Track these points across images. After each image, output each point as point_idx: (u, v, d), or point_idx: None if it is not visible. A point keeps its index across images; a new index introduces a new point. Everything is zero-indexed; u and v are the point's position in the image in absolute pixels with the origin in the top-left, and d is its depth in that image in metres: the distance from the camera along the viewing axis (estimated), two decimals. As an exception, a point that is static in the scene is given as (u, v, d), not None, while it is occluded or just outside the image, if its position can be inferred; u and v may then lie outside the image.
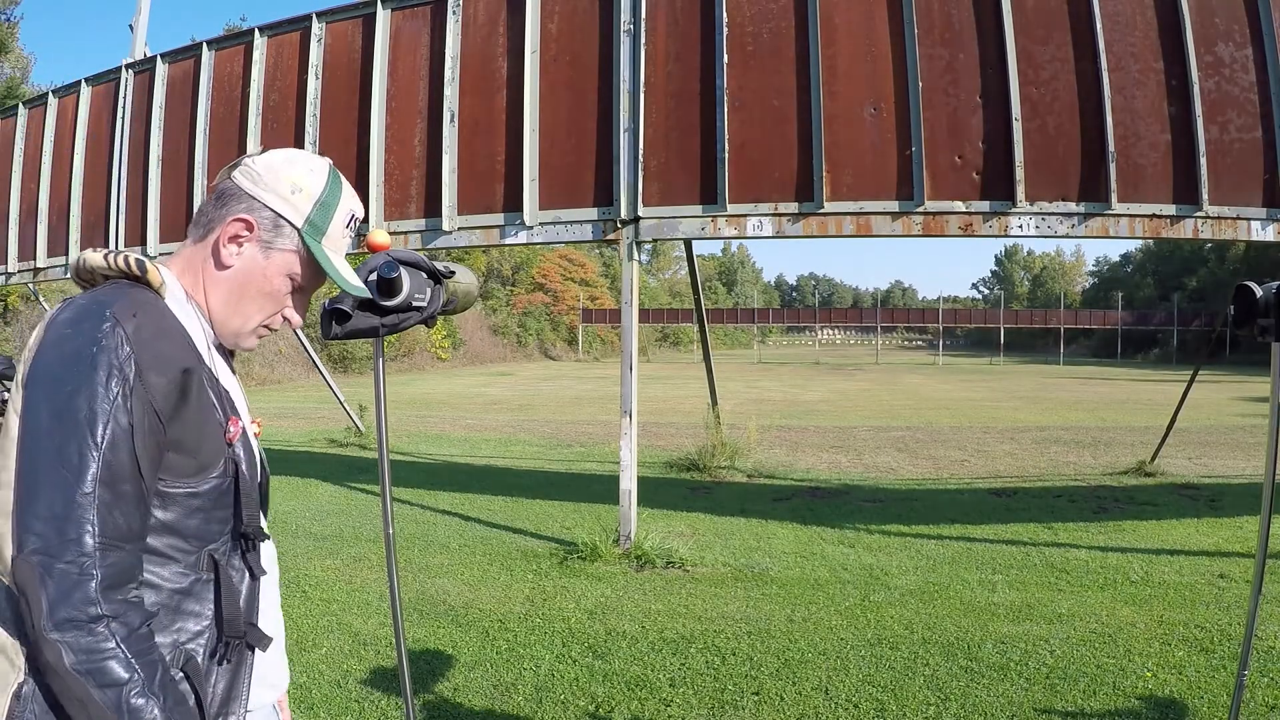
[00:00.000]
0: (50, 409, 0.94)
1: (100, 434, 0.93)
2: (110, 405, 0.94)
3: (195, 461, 1.04)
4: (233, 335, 1.17)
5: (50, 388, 0.95)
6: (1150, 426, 10.94)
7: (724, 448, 8.41)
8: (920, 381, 26.37)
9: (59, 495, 0.91)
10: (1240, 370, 27.78)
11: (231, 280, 1.13)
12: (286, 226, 1.13)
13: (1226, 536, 5.55)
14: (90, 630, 0.89)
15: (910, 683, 3.23)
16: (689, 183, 5.35)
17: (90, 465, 0.92)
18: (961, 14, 5.05)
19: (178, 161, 7.04)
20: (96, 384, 0.94)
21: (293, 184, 1.13)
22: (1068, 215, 4.94)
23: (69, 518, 0.91)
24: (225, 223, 1.11)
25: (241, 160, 1.15)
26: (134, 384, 0.96)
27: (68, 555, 0.90)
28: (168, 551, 1.03)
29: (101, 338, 0.96)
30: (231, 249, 1.12)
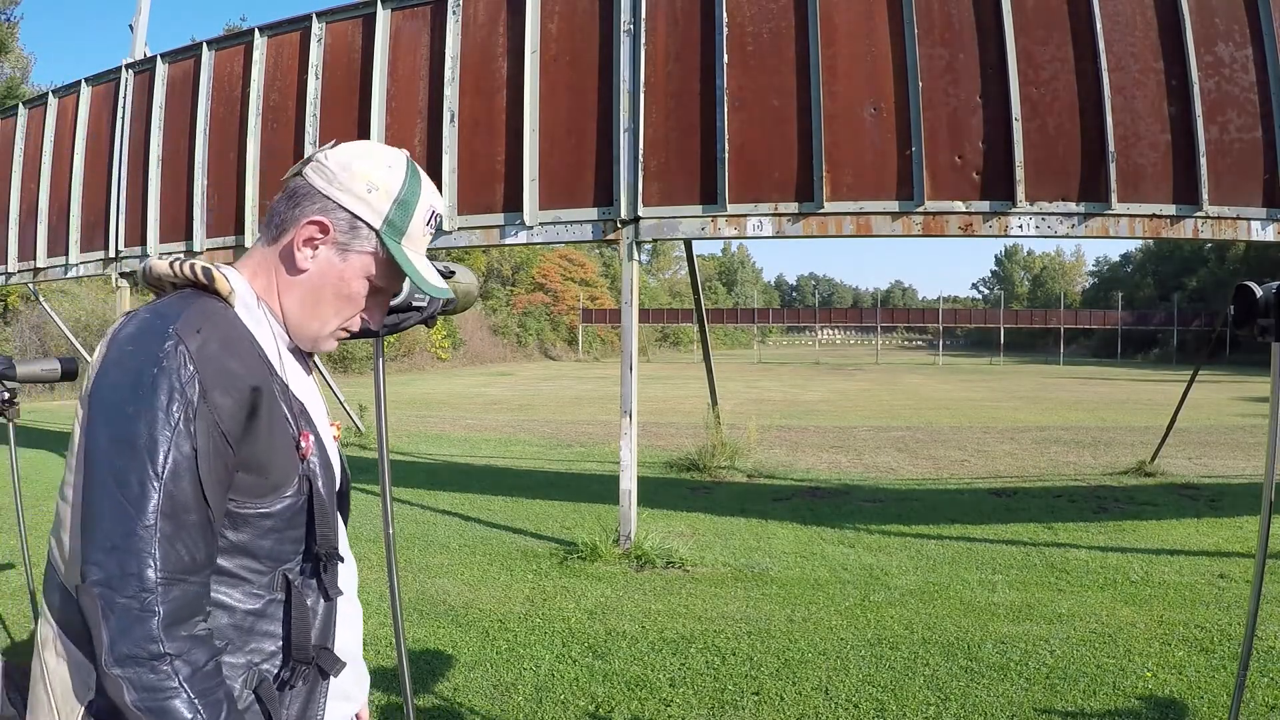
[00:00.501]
0: (109, 434, 0.91)
1: (161, 463, 0.89)
2: (172, 431, 0.90)
3: (267, 481, 1.00)
4: (310, 339, 1.12)
5: (110, 411, 0.92)
6: (1150, 426, 10.94)
7: (724, 448, 8.41)
8: (920, 381, 26.37)
9: (119, 527, 0.88)
10: (1240, 370, 27.78)
11: (306, 284, 1.08)
12: (364, 228, 1.08)
13: (1226, 536, 5.55)
14: (152, 668, 0.86)
15: (910, 683, 3.23)
16: (689, 183, 5.35)
17: (151, 496, 0.89)
18: (961, 14, 5.05)
19: (178, 161, 7.04)
20: (157, 408, 0.90)
21: (369, 182, 1.07)
22: (1068, 215, 4.94)
23: (129, 550, 0.87)
24: (299, 225, 1.06)
25: (314, 155, 1.10)
26: (198, 405, 0.92)
27: (128, 590, 0.87)
28: (240, 572, 1.00)
29: (163, 357, 0.92)
30: (306, 252, 1.07)
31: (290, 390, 1.05)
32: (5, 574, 4.57)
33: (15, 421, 2.62)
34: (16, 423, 2.63)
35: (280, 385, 1.04)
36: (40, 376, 2.60)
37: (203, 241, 6.87)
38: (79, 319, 18.33)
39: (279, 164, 6.52)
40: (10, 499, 3.17)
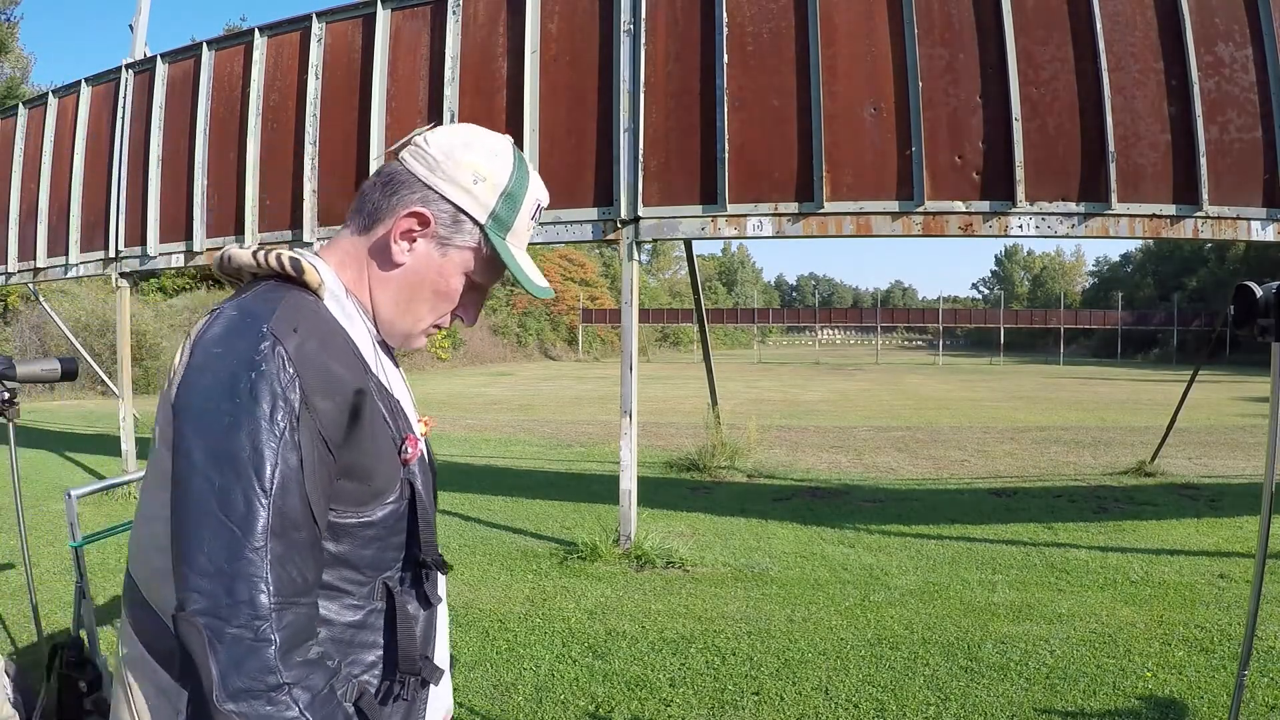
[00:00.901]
0: (206, 448, 0.82)
1: (269, 478, 0.81)
2: (278, 443, 0.82)
3: (369, 489, 0.93)
4: (401, 336, 1.05)
5: (204, 421, 0.83)
6: (1150, 426, 10.94)
7: (724, 448, 8.41)
8: (920, 381, 26.37)
9: (223, 550, 0.80)
10: (1240, 370, 27.78)
11: (402, 279, 1.00)
12: (467, 222, 1.00)
13: (1226, 536, 5.55)
14: (270, 699, 0.79)
15: (910, 683, 3.23)
16: (689, 183, 5.35)
17: (260, 515, 0.81)
18: (961, 14, 5.05)
19: (178, 161, 7.04)
20: (260, 418, 0.82)
21: (475, 171, 0.99)
22: (1068, 215, 4.94)
23: (238, 575, 0.79)
24: (397, 216, 0.98)
25: (413, 138, 1.01)
26: (299, 412, 0.84)
27: (239, 619, 0.79)
28: (339, 585, 0.93)
29: (260, 360, 0.83)
30: (403, 245, 0.99)
31: (387, 389, 0.99)
32: (5, 574, 4.57)
33: (15, 421, 2.62)
34: (16, 423, 2.63)
35: (377, 384, 0.96)
36: (40, 376, 2.60)
37: (203, 241, 6.87)
38: (79, 319, 18.32)
39: (279, 164, 6.53)
40: (10, 499, 3.17)
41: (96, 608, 3.37)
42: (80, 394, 17.56)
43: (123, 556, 4.17)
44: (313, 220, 6.31)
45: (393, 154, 1.02)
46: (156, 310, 23.57)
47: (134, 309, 17.11)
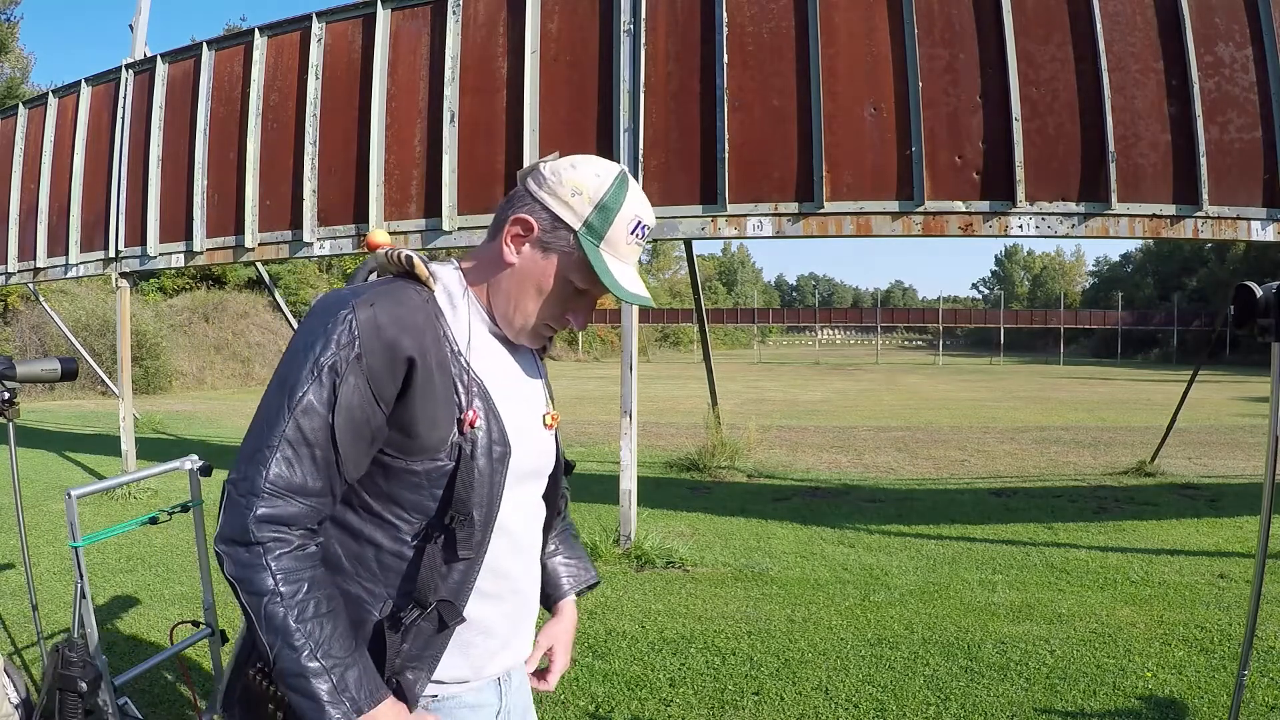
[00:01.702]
0: (277, 374, 1.08)
1: (297, 398, 1.05)
2: (313, 376, 1.05)
3: (414, 443, 1.11)
4: (516, 331, 1.21)
5: (284, 359, 1.09)
6: (1150, 426, 10.94)
7: (724, 448, 8.41)
8: (920, 381, 26.37)
9: (254, 441, 1.06)
10: (1240, 370, 27.78)
11: (511, 277, 1.19)
12: (564, 228, 1.17)
13: (1226, 536, 5.55)
14: (247, 548, 1.03)
15: (910, 683, 3.23)
16: (689, 183, 5.35)
17: (282, 423, 1.05)
18: (961, 14, 5.05)
19: (178, 161, 7.04)
20: (310, 356, 1.06)
21: (575, 187, 1.17)
22: (1068, 215, 4.94)
23: (253, 460, 1.05)
24: (509, 222, 1.18)
25: (536, 164, 1.22)
26: (350, 364, 1.06)
27: (240, 489, 1.04)
28: (388, 517, 1.13)
29: (331, 324, 1.07)
30: (511, 247, 1.18)
31: (471, 371, 1.15)
32: (5, 574, 4.57)
33: (15, 421, 2.62)
34: (16, 423, 2.63)
35: (459, 364, 1.14)
36: (40, 376, 2.60)
37: (203, 241, 6.87)
38: (79, 319, 18.32)
39: (279, 164, 6.52)
40: (10, 499, 3.17)
41: (96, 608, 3.37)
42: (80, 394, 17.56)
43: (123, 556, 4.19)
44: (313, 220, 6.31)
45: (522, 180, 1.23)
46: (156, 310, 23.57)
47: (134, 309, 17.11)
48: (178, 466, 2.58)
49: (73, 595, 2.27)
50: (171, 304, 25.36)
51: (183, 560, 4.82)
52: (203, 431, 11.98)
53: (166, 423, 12.73)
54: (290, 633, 1.02)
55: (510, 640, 1.25)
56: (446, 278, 1.20)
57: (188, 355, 23.09)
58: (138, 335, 18.27)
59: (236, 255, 6.82)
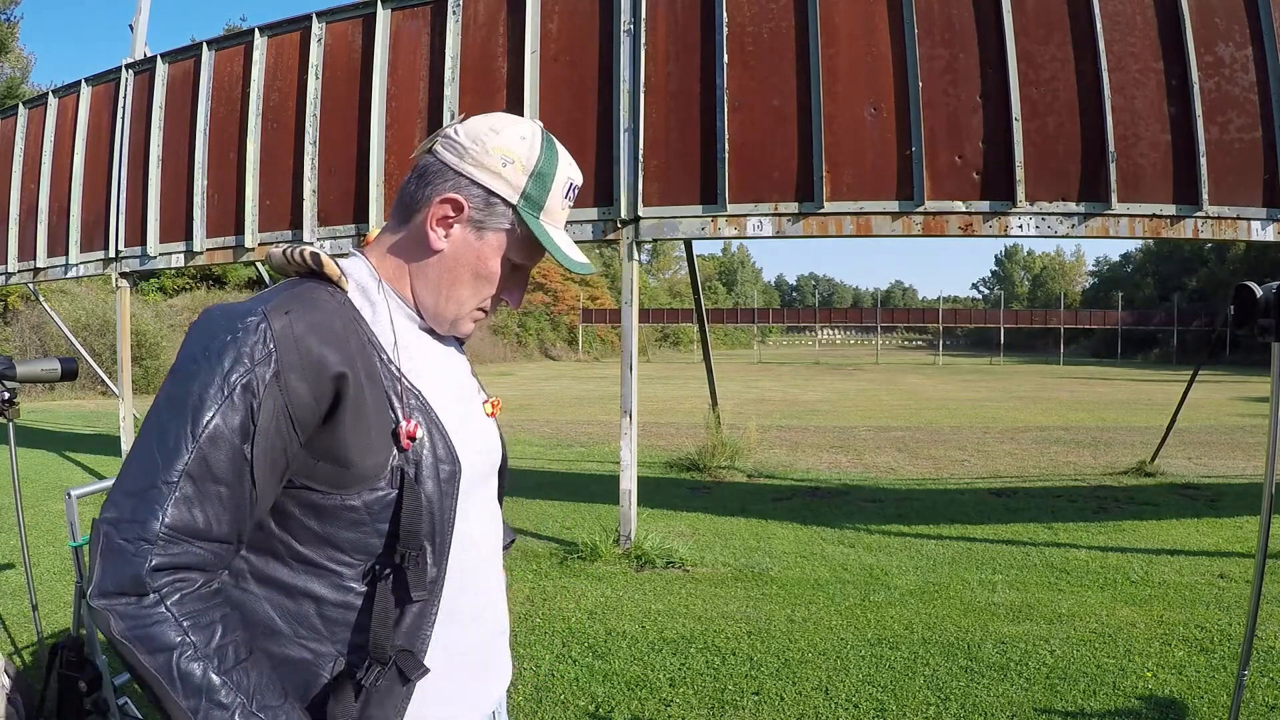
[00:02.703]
0: (166, 390, 0.90)
1: (203, 425, 0.86)
2: (222, 399, 0.87)
3: (349, 473, 0.95)
4: (447, 322, 1.08)
5: (175, 370, 0.91)
6: (1150, 426, 10.95)
7: (724, 448, 8.41)
8: (920, 381, 26.37)
9: (144, 476, 0.87)
10: (1240, 370, 27.79)
11: (441, 265, 1.04)
12: (500, 204, 1.03)
13: (1226, 536, 5.56)
14: (138, 600, 0.85)
15: (910, 683, 3.23)
16: (689, 183, 5.35)
17: (183, 456, 0.86)
18: (961, 14, 5.05)
19: (178, 161, 7.04)
20: (215, 372, 0.87)
21: (504, 155, 1.02)
22: (1068, 215, 4.94)
23: (144, 499, 0.86)
24: (431, 204, 1.02)
25: (443, 130, 1.05)
26: (268, 384, 0.88)
27: (130, 533, 0.85)
28: (326, 564, 0.96)
29: (241, 330, 0.89)
30: (439, 232, 1.03)
31: (404, 378, 1.00)
32: (5, 574, 4.57)
33: (15, 421, 2.62)
34: (16, 423, 2.63)
35: (389, 373, 0.98)
36: (40, 376, 2.60)
37: (203, 241, 6.87)
38: (79, 319, 18.32)
39: (279, 164, 6.52)
40: (10, 499, 3.17)
41: (96, 608, 3.37)
42: (80, 394, 17.56)
43: (123, 556, 4.09)
44: (313, 220, 6.31)
45: (425, 150, 1.05)
46: (156, 310, 23.57)
47: (134, 309, 17.11)
48: (178, 466, 2.57)
49: (73, 595, 2.27)
50: (171, 304, 25.36)
51: (183, 560, 4.82)
52: (203, 431, 11.96)
53: (166, 423, 12.71)
54: (214, 689, 0.84)
55: (490, 663, 1.14)
56: (357, 272, 1.04)
57: (188, 355, 23.05)
58: (138, 335, 18.27)
59: (236, 255, 6.82)
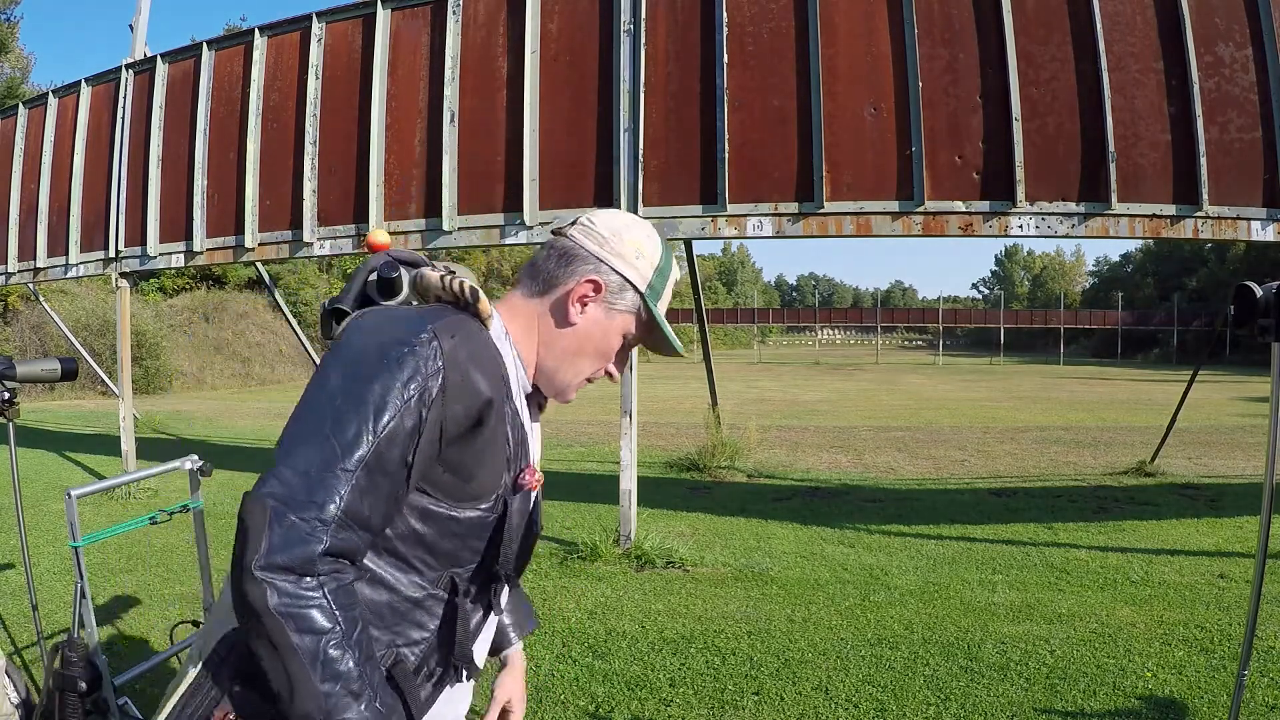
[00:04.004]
0: (342, 382, 0.97)
1: (383, 424, 0.95)
2: (402, 404, 0.96)
3: (467, 488, 1.05)
4: (559, 387, 1.20)
5: (350, 364, 0.98)
6: (1150, 426, 10.94)
7: (724, 448, 8.40)
8: (920, 381, 26.37)
9: (320, 460, 0.93)
10: (1240, 370, 27.78)
11: (572, 337, 1.17)
12: (630, 290, 1.17)
13: (1226, 536, 5.55)
14: (300, 581, 0.90)
15: (910, 683, 3.23)
16: (689, 183, 5.35)
17: (362, 447, 0.94)
18: (961, 14, 5.05)
19: (178, 161, 7.04)
20: (396, 379, 0.96)
21: (637, 249, 1.18)
22: (1068, 215, 4.94)
23: (323, 483, 0.92)
24: (575, 282, 1.15)
25: (579, 220, 1.20)
26: (434, 397, 0.98)
27: (305, 513, 0.91)
28: (414, 562, 1.04)
29: (417, 344, 0.99)
30: (577, 308, 1.15)
31: (522, 424, 1.12)
32: (5, 574, 4.57)
33: (15, 421, 2.62)
34: (16, 423, 2.63)
35: (512, 410, 1.10)
36: (40, 376, 2.60)
37: (203, 241, 6.87)
38: (79, 319, 18.32)
39: (279, 164, 6.52)
40: (10, 499, 3.17)
41: (96, 608, 3.37)
42: (80, 394, 17.56)
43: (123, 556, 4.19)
44: (313, 220, 6.31)
45: (560, 233, 1.20)
46: (156, 310, 23.58)
47: (134, 309, 17.11)
48: (178, 466, 2.58)
49: (73, 595, 2.27)
50: (171, 304, 25.37)
51: (183, 560, 4.82)
52: (203, 431, 11.99)
53: (166, 423, 12.73)
54: (350, 678, 0.90)
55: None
56: (495, 318, 1.14)
57: (188, 355, 23.10)
58: (138, 335, 18.27)
59: (236, 255, 6.82)
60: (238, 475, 7.86)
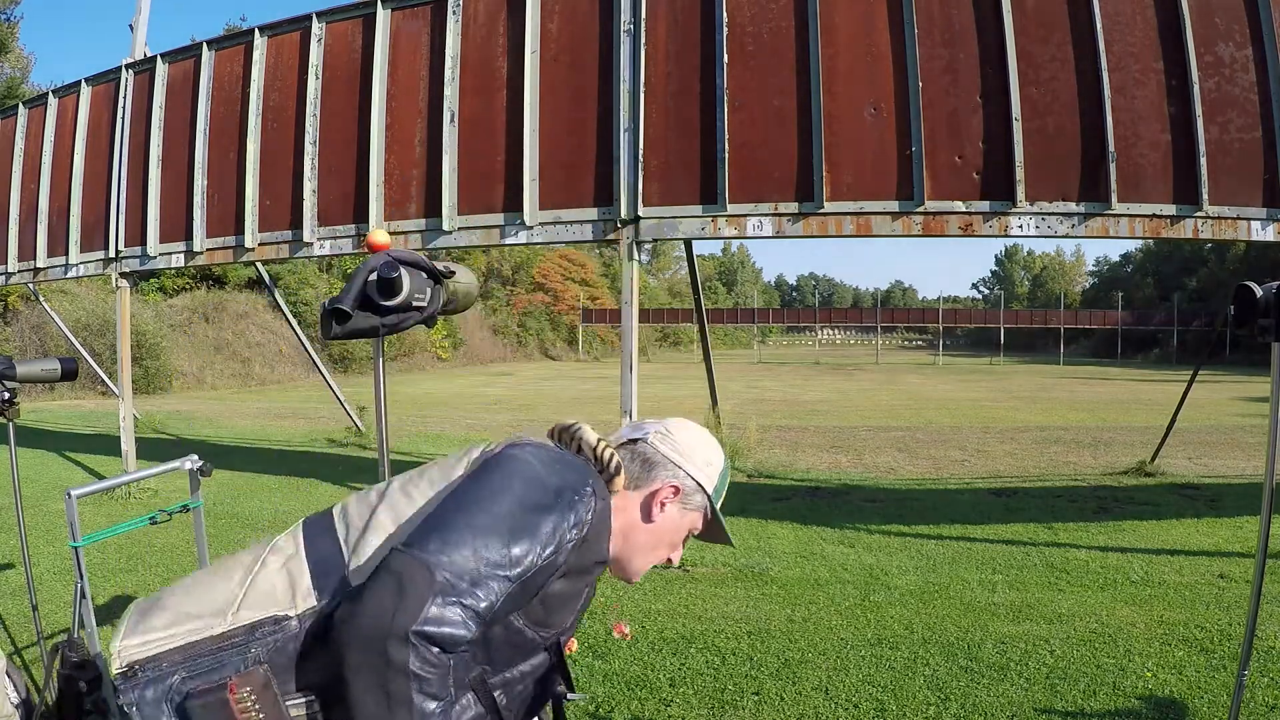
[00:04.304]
0: (522, 500, 1.14)
1: (546, 554, 1.12)
2: (560, 541, 1.13)
3: (548, 619, 1.22)
4: (631, 571, 1.36)
5: (529, 485, 1.16)
6: (1150, 426, 10.94)
7: (724, 448, 8.40)
8: (920, 381, 26.37)
9: (490, 560, 1.08)
10: (1240, 370, 27.78)
11: (652, 531, 1.33)
12: (701, 493, 1.36)
13: (1226, 536, 5.55)
14: (441, 653, 1.02)
15: (910, 683, 3.23)
16: (689, 183, 5.35)
17: (524, 565, 1.10)
18: (961, 14, 5.05)
19: (178, 161, 7.03)
20: (565, 521, 1.14)
21: (706, 459, 1.38)
22: (1068, 215, 4.94)
23: (487, 583, 1.07)
24: (661, 484, 1.33)
25: (657, 429, 1.39)
26: (575, 545, 1.16)
27: (468, 601, 1.04)
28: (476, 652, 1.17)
29: (587, 495, 1.19)
30: (659, 507, 1.33)
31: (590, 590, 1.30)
32: (5, 574, 4.57)
33: (15, 421, 2.62)
34: (16, 423, 2.63)
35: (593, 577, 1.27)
36: (40, 376, 2.61)
37: (203, 241, 6.87)
38: (79, 319, 18.31)
39: (279, 164, 6.52)
40: (10, 499, 3.17)
41: (96, 608, 3.37)
42: (80, 394, 17.55)
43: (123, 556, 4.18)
44: (313, 220, 6.31)
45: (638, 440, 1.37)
46: (156, 310, 23.57)
47: (134, 309, 17.11)
48: (178, 466, 2.58)
49: (73, 595, 2.27)
50: (171, 304, 25.36)
51: (183, 560, 4.82)
52: (203, 431, 11.99)
53: (166, 423, 12.73)
54: None
55: None
56: None
57: (188, 355, 23.10)
58: (138, 335, 18.27)
59: (236, 255, 6.82)
60: (238, 475, 7.86)
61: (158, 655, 1.09)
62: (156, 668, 1.08)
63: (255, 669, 1.08)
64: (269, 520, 6.01)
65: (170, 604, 1.15)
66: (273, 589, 1.14)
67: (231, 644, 1.09)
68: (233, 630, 1.10)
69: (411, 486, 1.25)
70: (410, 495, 1.22)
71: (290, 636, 1.10)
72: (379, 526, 1.18)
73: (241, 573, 1.17)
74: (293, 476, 7.82)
